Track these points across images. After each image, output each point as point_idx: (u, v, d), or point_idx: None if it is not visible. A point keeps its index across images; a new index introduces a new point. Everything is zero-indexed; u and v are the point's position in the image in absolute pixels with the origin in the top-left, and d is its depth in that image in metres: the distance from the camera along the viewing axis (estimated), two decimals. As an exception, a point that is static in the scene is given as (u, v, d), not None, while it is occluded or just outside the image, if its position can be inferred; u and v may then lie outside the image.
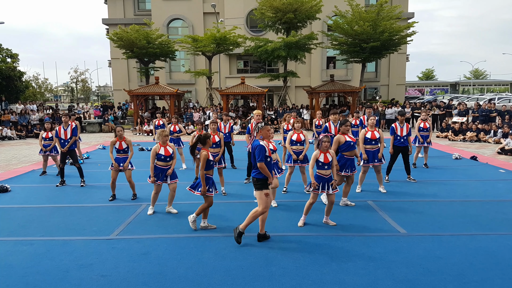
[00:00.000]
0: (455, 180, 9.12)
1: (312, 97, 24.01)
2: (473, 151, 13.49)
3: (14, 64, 25.66)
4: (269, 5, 23.40)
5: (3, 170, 11.18)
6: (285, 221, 6.30)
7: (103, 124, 23.84)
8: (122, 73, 34.85)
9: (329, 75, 25.99)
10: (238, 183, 8.91)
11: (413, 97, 48.70)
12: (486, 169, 10.39)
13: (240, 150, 12.20)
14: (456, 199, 7.49)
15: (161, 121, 11.96)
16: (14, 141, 19.29)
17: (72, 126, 9.27)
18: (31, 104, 25.61)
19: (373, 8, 23.79)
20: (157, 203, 6.96)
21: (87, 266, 4.72)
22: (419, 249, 5.10)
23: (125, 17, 34.78)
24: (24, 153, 14.63)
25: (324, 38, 28.73)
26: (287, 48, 23.27)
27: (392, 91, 35.14)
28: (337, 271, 4.51)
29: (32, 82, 47.52)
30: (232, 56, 33.02)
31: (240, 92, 22.37)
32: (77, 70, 61.61)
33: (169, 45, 26.28)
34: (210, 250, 5.14)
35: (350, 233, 5.72)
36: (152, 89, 22.74)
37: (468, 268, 4.54)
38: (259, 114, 8.87)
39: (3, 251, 5.20)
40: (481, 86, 61.08)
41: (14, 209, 7.18)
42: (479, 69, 70.86)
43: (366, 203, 7.21)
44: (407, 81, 46.51)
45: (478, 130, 16.76)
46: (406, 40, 23.85)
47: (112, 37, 25.57)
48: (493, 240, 5.36)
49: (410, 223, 6.13)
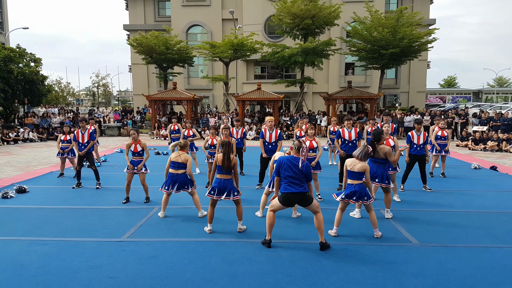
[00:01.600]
0: (473, 191, 8.89)
1: (329, 103, 23.87)
2: (493, 161, 13.14)
3: (37, 68, 26.38)
4: (287, 11, 23.45)
5: (22, 171, 11.49)
6: (294, 228, 6.26)
7: (122, 128, 24.25)
8: (142, 78, 35.45)
9: (347, 81, 25.80)
10: (247, 188, 8.90)
11: (434, 104, 47.84)
12: (506, 180, 10.09)
13: (251, 156, 12.22)
14: (472, 210, 7.30)
15: (176, 126, 12.09)
16: (35, 143, 19.83)
17: (90, 130, 9.43)
18: (53, 107, 26.29)
19: (393, 14, 23.53)
20: (169, 206, 7.02)
21: (97, 267, 4.79)
22: (431, 260, 4.99)
23: (146, 23, 35.43)
24: (44, 155, 15.01)
25: (343, 44, 28.57)
26: (304, 54, 23.23)
27: (412, 98, 34.62)
28: (345, 281, 4.45)
29: (55, 86, 48.77)
30: (249, 62, 33.18)
31: (256, 98, 22.44)
32: (98, 75, 63.04)
33: (187, 51, 26.61)
34: (218, 255, 5.15)
35: (361, 242, 5.64)
36: (169, 94, 23.04)
37: (480, 281, 4.41)
38: (271, 120, 8.87)
39: (18, 250, 5.34)
40: (505, 95, 59.54)
41: (31, 209, 7.37)
42: (503, 76, 69.17)
43: (379, 212, 7.10)
44: (428, 88, 45.85)
45: (499, 140, 16.33)
46: (426, 47, 23.49)
47: (132, 43, 26.06)
48: (508, 254, 5.19)
49: (423, 233, 6.00)
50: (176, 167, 6.70)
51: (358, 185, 5.68)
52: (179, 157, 6.74)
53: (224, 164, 5.77)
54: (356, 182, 5.69)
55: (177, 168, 6.70)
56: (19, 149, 17.21)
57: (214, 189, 5.88)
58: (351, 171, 5.72)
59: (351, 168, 5.73)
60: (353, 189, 5.67)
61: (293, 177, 5.21)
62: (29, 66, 26.10)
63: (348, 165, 5.80)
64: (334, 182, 9.33)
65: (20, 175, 10.77)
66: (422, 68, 34.61)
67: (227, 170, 5.84)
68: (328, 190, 8.68)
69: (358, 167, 5.68)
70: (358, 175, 5.68)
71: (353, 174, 5.70)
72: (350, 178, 5.75)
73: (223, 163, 5.78)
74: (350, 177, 5.75)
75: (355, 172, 5.68)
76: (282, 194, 5.28)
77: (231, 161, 5.80)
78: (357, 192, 5.64)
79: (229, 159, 5.78)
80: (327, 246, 5.32)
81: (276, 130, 8.92)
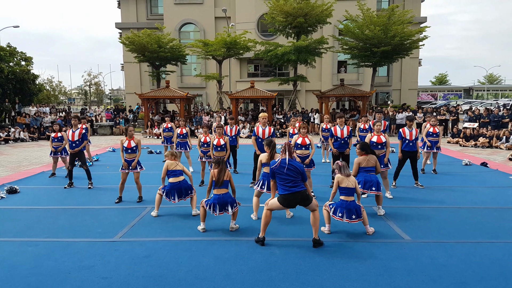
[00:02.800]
0: (464, 187, 8.98)
1: (322, 101, 23.94)
2: (484, 157, 13.27)
3: (28, 67, 26.13)
4: (280, 9, 23.47)
5: (14, 171, 11.38)
6: (287, 226, 6.28)
7: (114, 127, 24.11)
8: (134, 76, 35.25)
9: (339, 79, 25.89)
10: (241, 187, 8.91)
11: (425, 102, 48.14)
12: (496, 176, 10.20)
13: (245, 154, 12.22)
14: (463, 206, 7.37)
15: (169, 124, 12.05)
16: (26, 143, 19.64)
17: (82, 129, 9.32)
18: (44, 106, 26.06)
19: (384, 12, 23.67)
20: (162, 206, 6.99)
21: (89, 268, 4.77)
22: (423, 256, 5.03)
23: (138, 21, 35.22)
24: (35, 155, 14.87)
25: (335, 42, 28.66)
26: (297, 52, 23.27)
27: (404, 95, 34.83)
28: (338, 277, 4.47)
29: (46, 85, 48.30)
30: (242, 60, 33.15)
31: (249, 96, 22.44)
32: (90, 73, 62.54)
33: (180, 49, 26.50)
34: (211, 254, 5.15)
35: (353, 239, 5.67)
36: (162, 93, 22.95)
37: (471, 276, 4.46)
38: (265, 116, 8.88)
39: (9, 251, 5.29)
40: (495, 91, 60.13)
41: (22, 210, 7.30)
42: (493, 74, 69.85)
43: (372, 209, 7.14)
44: (420, 85, 46.08)
45: (490, 136, 16.48)
46: (417, 45, 23.66)
47: (124, 41, 25.91)
48: (499, 248, 5.26)
49: (415, 229, 6.05)
50: (177, 175, 6.72)
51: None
52: (178, 166, 6.79)
53: (220, 180, 5.77)
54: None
55: (178, 175, 6.72)
56: (10, 149, 17.04)
57: (215, 206, 5.79)
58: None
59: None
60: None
61: (289, 179, 5.21)
62: (19, 65, 25.87)
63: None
64: (327, 180, 9.36)
65: (11, 175, 10.67)
66: (413, 66, 34.83)
67: (224, 185, 5.84)
68: (321, 187, 8.71)
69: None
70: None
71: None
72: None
73: (218, 179, 5.77)
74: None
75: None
76: (282, 196, 5.26)
77: (225, 175, 5.83)
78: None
79: (224, 174, 5.81)
80: (320, 243, 5.34)
81: (269, 127, 8.92)
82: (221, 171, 5.77)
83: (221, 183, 5.79)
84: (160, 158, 12.91)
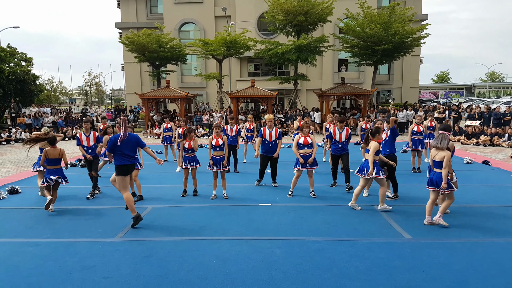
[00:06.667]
0: (465, 185, 8.95)
1: (323, 100, 23.92)
2: (485, 155, 13.24)
3: (29, 67, 26.15)
4: (280, 8, 23.43)
5: (15, 172, 11.40)
6: (288, 225, 6.27)
7: (114, 127, 24.10)
8: (135, 76, 35.25)
9: (340, 78, 25.85)
10: (242, 186, 8.90)
11: (427, 100, 48.05)
12: (497, 174, 10.18)
13: (247, 153, 12.21)
14: (464, 204, 7.35)
15: (169, 124, 12.05)
16: (28, 143, 19.63)
17: (96, 133, 8.59)
18: (45, 107, 26.09)
19: (385, 10, 23.59)
20: (163, 205, 6.99)
21: (90, 267, 4.77)
22: (423, 254, 5.02)
23: (138, 21, 35.20)
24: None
25: (336, 40, 28.61)
26: (298, 51, 23.23)
27: (405, 94, 34.77)
28: (339, 276, 4.47)
29: (47, 86, 48.37)
30: (243, 59, 33.11)
31: (249, 95, 22.42)
32: (91, 74, 62.63)
33: (180, 49, 26.49)
34: (212, 253, 5.15)
35: (354, 238, 5.66)
36: (162, 93, 22.95)
37: (472, 275, 4.45)
38: (270, 119, 8.82)
39: (10, 251, 5.30)
40: (497, 89, 59.98)
41: (23, 210, 7.32)
42: (495, 71, 69.72)
43: (373, 207, 7.13)
44: (421, 83, 46.05)
45: (492, 134, 16.45)
46: (419, 43, 23.60)
47: (124, 41, 25.90)
48: (500, 246, 5.25)
49: (415, 228, 6.04)
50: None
51: (436, 173, 6.10)
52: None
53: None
54: (437, 170, 6.11)
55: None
56: (11, 149, 17.07)
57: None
58: (434, 160, 6.16)
59: (433, 158, 6.18)
60: (431, 177, 6.24)
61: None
62: (20, 65, 25.88)
63: (431, 155, 6.30)
64: (327, 179, 9.34)
65: (13, 176, 10.69)
66: (415, 64, 34.74)
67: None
68: (321, 186, 8.70)
69: (440, 156, 6.06)
70: (438, 164, 6.09)
71: (435, 162, 6.16)
72: (434, 166, 6.20)
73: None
74: (434, 165, 6.20)
75: (436, 161, 6.12)
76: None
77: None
78: (433, 181, 6.14)
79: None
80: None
81: (276, 129, 8.83)
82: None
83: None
84: (160, 158, 12.89)
